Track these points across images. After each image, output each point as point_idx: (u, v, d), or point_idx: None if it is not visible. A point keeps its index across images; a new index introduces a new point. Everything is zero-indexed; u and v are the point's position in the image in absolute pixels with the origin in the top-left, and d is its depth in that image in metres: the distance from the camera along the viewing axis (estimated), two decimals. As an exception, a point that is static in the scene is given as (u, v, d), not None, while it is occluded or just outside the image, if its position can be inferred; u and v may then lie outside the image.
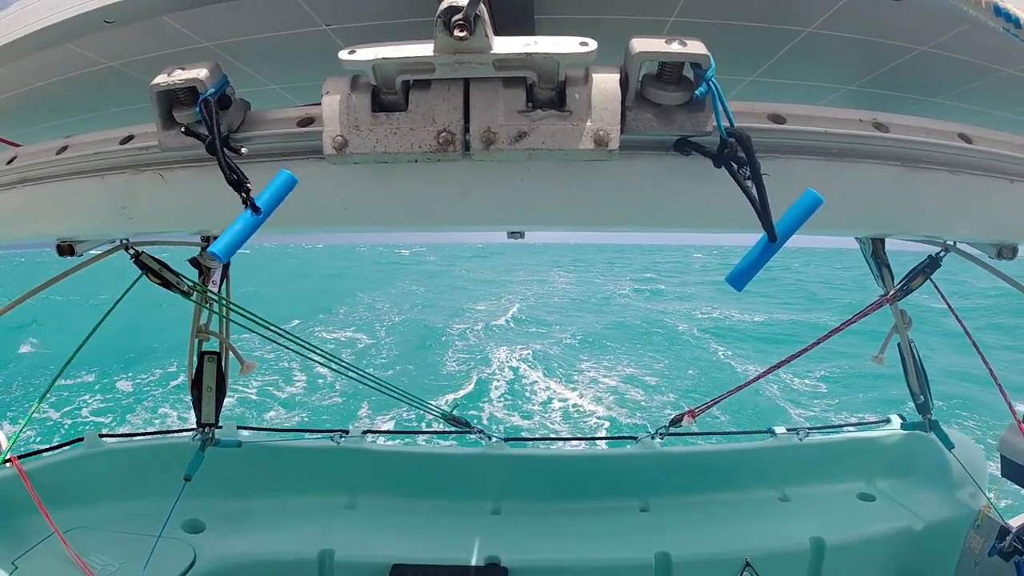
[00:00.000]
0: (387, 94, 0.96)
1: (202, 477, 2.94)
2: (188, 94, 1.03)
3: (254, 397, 12.97)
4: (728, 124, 0.93)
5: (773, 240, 0.94)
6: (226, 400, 3.21)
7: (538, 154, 0.95)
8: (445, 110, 0.95)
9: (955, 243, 2.36)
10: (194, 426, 3.20)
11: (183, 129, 1.04)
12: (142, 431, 3.76)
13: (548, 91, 0.94)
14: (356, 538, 3.00)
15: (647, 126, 0.96)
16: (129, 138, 1.26)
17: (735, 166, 0.96)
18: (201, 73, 1.00)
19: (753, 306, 27.75)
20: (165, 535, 2.72)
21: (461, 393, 14.20)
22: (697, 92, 0.91)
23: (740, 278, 0.96)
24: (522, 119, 0.94)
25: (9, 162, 1.45)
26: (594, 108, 0.94)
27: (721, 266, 61.15)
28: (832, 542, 2.98)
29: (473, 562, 2.88)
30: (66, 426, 11.49)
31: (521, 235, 1.65)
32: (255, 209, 0.97)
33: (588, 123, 0.94)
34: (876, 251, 2.97)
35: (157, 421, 11.63)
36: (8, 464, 2.57)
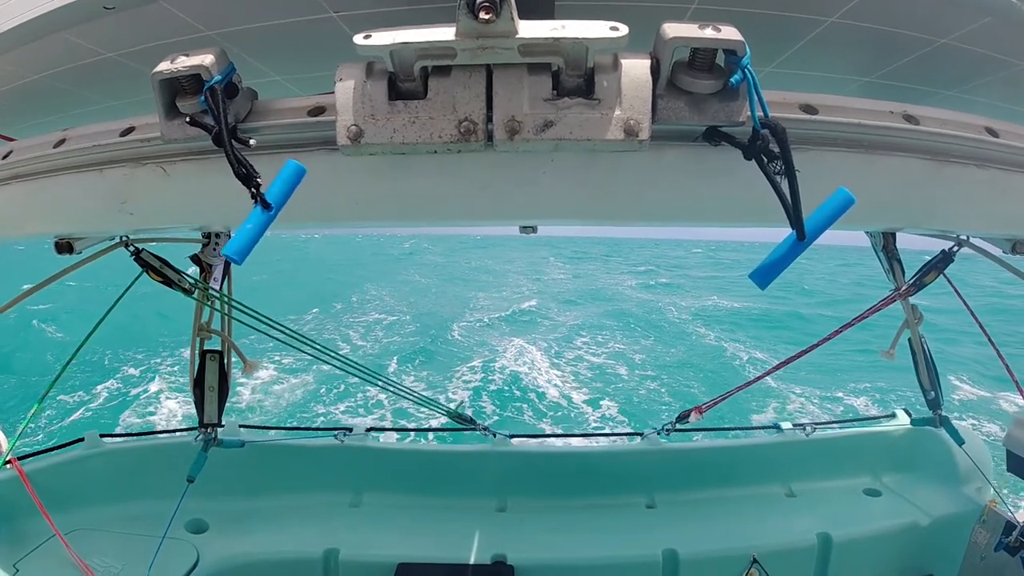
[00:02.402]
0: (405, 81, 0.91)
1: (205, 477, 2.90)
2: (192, 82, 0.98)
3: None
4: (762, 114, 0.89)
5: (802, 239, 0.90)
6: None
7: (565, 144, 0.91)
8: (467, 98, 0.90)
9: (968, 237, 2.33)
10: (196, 425, 3.16)
11: (188, 119, 0.98)
12: (143, 431, 3.72)
13: (575, 78, 0.89)
14: (361, 537, 2.98)
15: (679, 115, 0.92)
16: (130, 130, 1.21)
17: (765, 159, 0.92)
18: (206, 60, 0.95)
19: (739, 293, 28.50)
20: (168, 536, 2.68)
21: (478, 361, 15.50)
22: (732, 80, 0.87)
23: (764, 275, 0.93)
24: (548, 108, 0.89)
25: (4, 157, 1.40)
26: (624, 96, 0.89)
27: (711, 261, 61.53)
28: (839, 538, 2.97)
29: (479, 560, 2.85)
30: (149, 377, 12.63)
31: (534, 230, 1.60)
32: (265, 205, 0.92)
33: (618, 112, 0.89)
34: (887, 245, 2.93)
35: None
36: (8, 466, 2.53)
